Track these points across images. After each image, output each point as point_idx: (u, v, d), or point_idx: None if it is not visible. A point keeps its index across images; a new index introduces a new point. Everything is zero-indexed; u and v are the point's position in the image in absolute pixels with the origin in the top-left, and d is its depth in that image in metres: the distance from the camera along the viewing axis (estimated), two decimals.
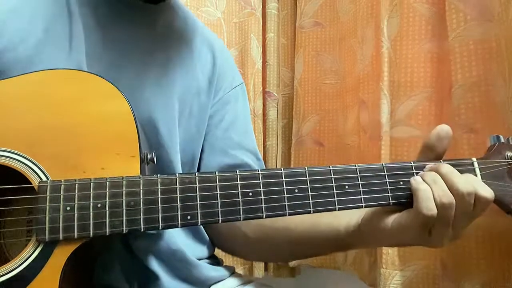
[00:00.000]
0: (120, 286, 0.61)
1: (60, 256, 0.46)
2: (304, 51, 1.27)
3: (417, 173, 0.54)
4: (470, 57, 0.78)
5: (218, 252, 0.78)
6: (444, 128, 0.55)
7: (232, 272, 0.75)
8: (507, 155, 0.57)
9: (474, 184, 0.52)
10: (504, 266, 0.75)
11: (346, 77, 1.16)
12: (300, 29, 1.28)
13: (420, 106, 0.89)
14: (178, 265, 0.66)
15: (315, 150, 1.23)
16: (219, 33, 1.29)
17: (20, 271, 0.46)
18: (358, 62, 1.09)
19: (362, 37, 1.07)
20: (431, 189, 0.51)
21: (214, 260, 0.75)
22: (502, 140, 0.59)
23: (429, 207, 0.50)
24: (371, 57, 1.02)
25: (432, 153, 0.56)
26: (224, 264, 0.77)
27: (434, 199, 0.51)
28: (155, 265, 0.64)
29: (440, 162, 0.55)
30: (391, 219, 0.54)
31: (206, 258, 0.73)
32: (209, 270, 0.70)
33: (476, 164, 0.56)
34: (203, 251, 0.72)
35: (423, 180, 0.53)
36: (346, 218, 0.61)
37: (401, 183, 0.54)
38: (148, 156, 0.52)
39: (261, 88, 1.31)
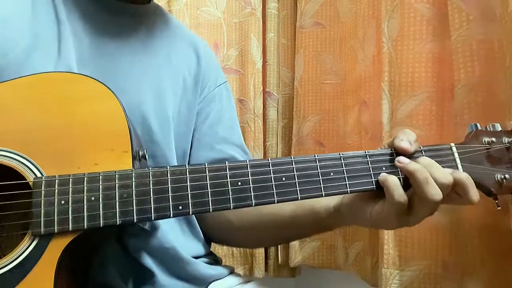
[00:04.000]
0: (116, 284, 0.61)
1: (55, 249, 0.47)
2: (304, 51, 1.27)
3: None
4: (472, 57, 0.78)
5: (218, 252, 0.78)
6: (399, 139, 0.57)
7: (231, 271, 0.75)
8: (485, 141, 0.59)
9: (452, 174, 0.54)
10: (505, 266, 0.75)
11: (347, 77, 1.16)
12: (300, 29, 1.28)
13: (421, 106, 0.89)
14: (172, 262, 0.66)
15: (316, 150, 1.23)
16: (219, 33, 1.29)
17: (17, 265, 0.46)
18: (358, 62, 1.09)
19: (363, 37, 1.06)
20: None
21: (212, 259, 0.75)
22: (480, 127, 0.60)
23: (400, 194, 0.53)
24: (372, 57, 1.01)
25: None
26: (223, 264, 0.77)
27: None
28: (149, 262, 0.64)
29: (420, 148, 0.57)
30: (370, 209, 0.57)
31: (203, 256, 0.73)
32: (205, 268, 0.70)
33: (454, 149, 0.58)
34: (198, 248, 0.72)
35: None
36: (326, 200, 0.64)
37: (384, 168, 0.56)
38: (140, 153, 0.53)
39: (261, 88, 1.31)
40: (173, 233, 0.68)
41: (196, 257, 0.70)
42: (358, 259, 1.08)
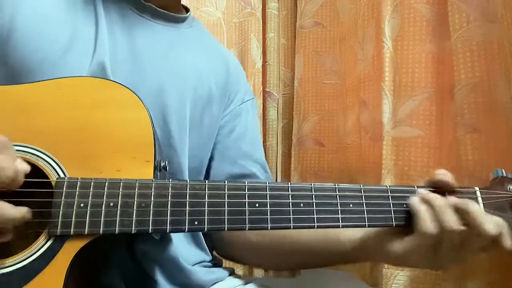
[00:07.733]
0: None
1: (69, 251, 0.47)
2: (304, 51, 1.27)
3: None
4: (473, 58, 0.79)
5: None
6: (440, 173, 0.56)
7: (231, 272, 0.75)
8: (509, 188, 0.58)
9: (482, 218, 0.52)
10: (506, 265, 0.75)
11: (346, 77, 1.16)
12: (300, 29, 1.28)
13: (422, 106, 0.90)
14: (174, 271, 0.66)
15: (315, 150, 1.23)
16: (219, 33, 1.28)
17: (30, 262, 0.47)
18: (358, 62, 1.09)
19: (363, 37, 1.07)
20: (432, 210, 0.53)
21: (212, 262, 0.75)
22: (505, 173, 0.60)
23: (432, 225, 0.52)
24: (372, 57, 1.02)
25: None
26: (223, 266, 0.77)
27: (441, 220, 0.52)
28: (153, 270, 0.64)
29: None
30: (398, 245, 0.55)
31: (205, 261, 0.73)
32: (206, 274, 0.70)
33: (478, 193, 0.57)
34: (200, 255, 0.72)
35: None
36: (351, 231, 0.62)
37: (405, 205, 0.55)
38: (161, 164, 0.53)
39: (261, 88, 1.30)
40: (179, 242, 0.68)
41: (198, 263, 0.71)
42: None
